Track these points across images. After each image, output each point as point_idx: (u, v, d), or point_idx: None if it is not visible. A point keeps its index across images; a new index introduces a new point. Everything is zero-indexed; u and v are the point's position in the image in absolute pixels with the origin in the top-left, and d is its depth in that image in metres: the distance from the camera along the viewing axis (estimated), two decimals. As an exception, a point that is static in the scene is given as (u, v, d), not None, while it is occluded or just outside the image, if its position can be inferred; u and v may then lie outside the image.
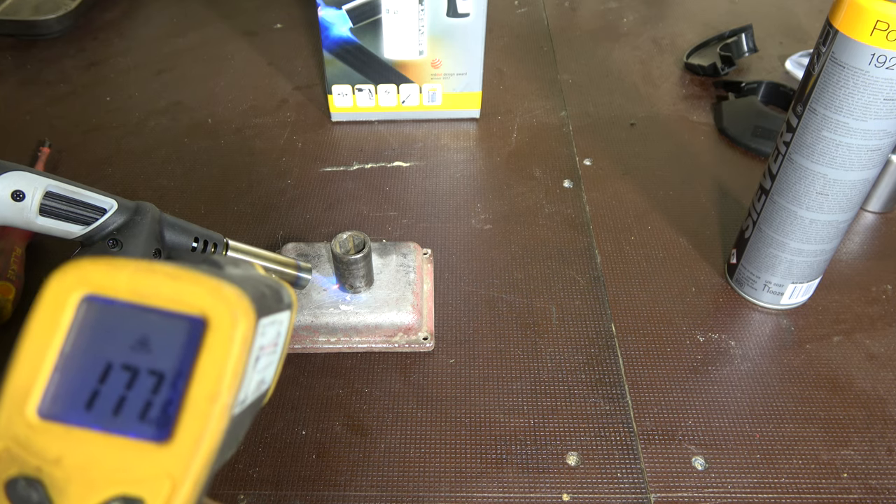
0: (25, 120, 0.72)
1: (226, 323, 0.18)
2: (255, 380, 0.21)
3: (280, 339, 0.23)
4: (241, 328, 0.18)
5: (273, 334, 0.22)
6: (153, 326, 0.18)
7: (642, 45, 0.84)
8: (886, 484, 0.43)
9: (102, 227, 0.41)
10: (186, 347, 0.18)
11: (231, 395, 0.18)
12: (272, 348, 0.22)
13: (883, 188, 0.60)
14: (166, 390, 0.18)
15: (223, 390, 0.18)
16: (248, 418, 0.22)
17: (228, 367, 0.18)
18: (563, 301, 0.53)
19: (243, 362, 0.18)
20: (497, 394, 0.47)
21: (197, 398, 0.17)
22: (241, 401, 0.19)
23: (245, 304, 0.18)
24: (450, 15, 0.64)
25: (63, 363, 0.18)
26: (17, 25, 0.83)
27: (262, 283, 0.22)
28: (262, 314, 0.20)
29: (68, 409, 0.18)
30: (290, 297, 0.24)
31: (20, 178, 0.40)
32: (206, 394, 0.17)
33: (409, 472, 0.43)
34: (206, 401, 0.17)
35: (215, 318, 0.18)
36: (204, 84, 0.77)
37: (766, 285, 0.51)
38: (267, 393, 0.24)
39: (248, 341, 0.18)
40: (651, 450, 0.44)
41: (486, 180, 0.65)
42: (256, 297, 0.20)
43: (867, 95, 0.40)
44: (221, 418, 0.18)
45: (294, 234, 0.59)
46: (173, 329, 0.18)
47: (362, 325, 0.48)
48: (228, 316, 0.18)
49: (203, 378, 0.18)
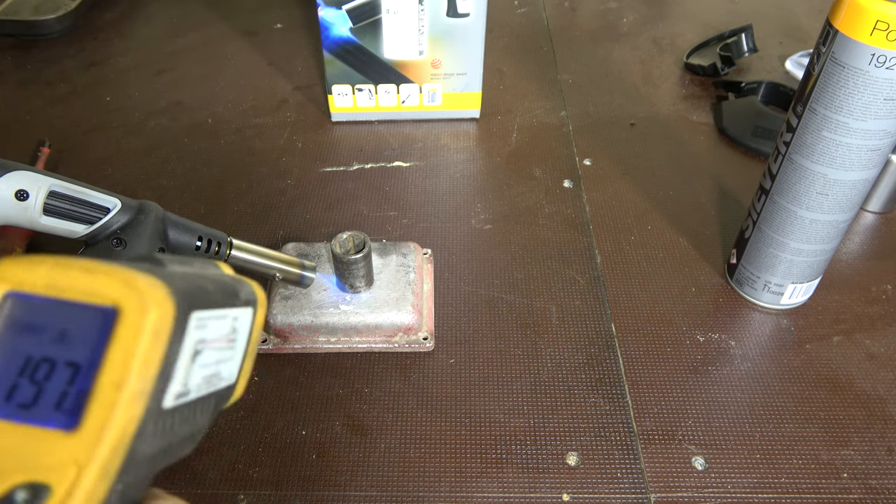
0: (25, 120, 0.72)
1: (136, 312, 0.18)
2: (199, 374, 0.21)
3: (238, 336, 0.23)
4: (151, 316, 0.18)
5: (224, 329, 0.22)
6: (70, 319, 0.19)
7: (642, 45, 0.84)
8: (886, 484, 0.43)
9: (106, 226, 0.41)
10: (99, 337, 0.18)
11: (143, 382, 0.18)
12: (225, 343, 0.22)
13: (883, 188, 0.60)
14: (81, 380, 0.18)
15: (131, 378, 0.18)
16: (203, 415, 0.22)
17: (137, 355, 0.18)
18: (563, 301, 0.53)
19: (158, 351, 0.18)
20: (497, 394, 0.47)
21: (104, 386, 0.18)
22: (180, 394, 0.20)
23: (159, 294, 0.18)
24: (450, 15, 0.64)
25: None
26: (17, 25, 0.83)
27: (207, 279, 0.22)
28: (198, 307, 0.20)
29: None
30: (253, 295, 0.24)
31: (24, 177, 0.40)
32: (114, 381, 0.18)
33: (409, 472, 0.43)
34: (112, 388, 0.18)
35: (126, 308, 0.18)
36: (204, 84, 0.77)
37: (766, 285, 0.51)
38: (231, 391, 0.24)
39: (164, 330, 0.18)
40: (651, 450, 0.44)
41: (486, 180, 0.65)
42: (190, 290, 0.20)
43: (867, 95, 0.40)
44: (131, 406, 0.18)
45: (294, 234, 0.59)
46: (88, 321, 0.19)
47: (362, 325, 0.48)
48: (138, 305, 0.18)
49: (112, 366, 0.18)
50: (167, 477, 0.42)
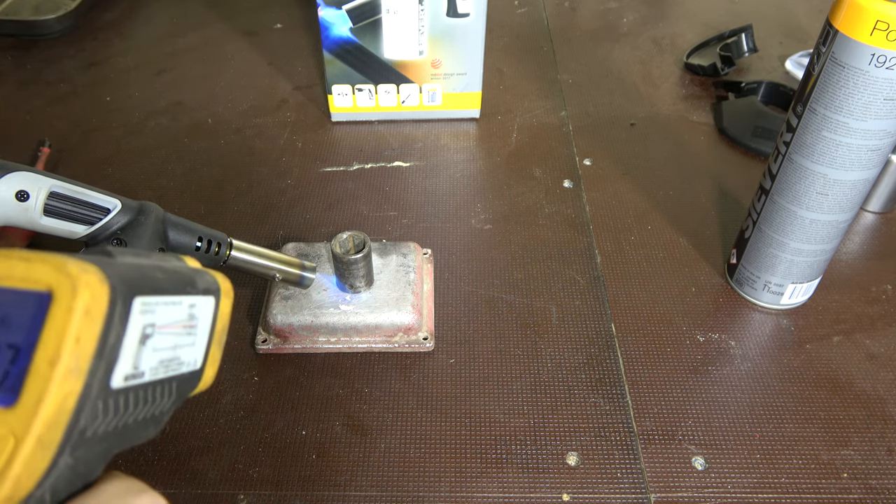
0: (25, 120, 0.72)
1: (66, 294, 0.20)
2: (152, 357, 0.22)
3: (198, 322, 0.25)
4: (81, 298, 0.20)
5: (179, 315, 0.24)
6: (10, 305, 0.20)
7: (642, 45, 0.84)
8: (886, 484, 0.43)
9: (106, 226, 0.41)
10: (35, 320, 0.20)
11: (78, 360, 0.19)
12: (181, 328, 0.24)
13: (883, 188, 0.60)
14: (20, 360, 0.20)
15: (64, 355, 0.19)
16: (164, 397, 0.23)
17: (69, 334, 0.19)
18: (563, 301, 0.53)
19: (92, 331, 0.20)
20: (497, 394, 0.47)
21: (39, 364, 0.19)
22: (130, 375, 0.21)
23: (91, 278, 0.20)
24: (450, 15, 0.64)
25: None
26: (17, 25, 0.83)
27: (159, 269, 0.23)
28: (141, 292, 0.22)
29: None
30: (214, 285, 0.26)
31: (24, 178, 0.40)
32: (47, 359, 0.19)
33: (409, 472, 0.43)
34: (46, 365, 0.19)
35: (58, 291, 0.20)
36: (204, 84, 0.77)
37: (766, 285, 0.51)
38: (198, 376, 0.25)
39: (97, 312, 0.20)
40: (651, 450, 0.44)
41: (486, 180, 0.65)
42: (133, 277, 0.22)
43: (867, 95, 0.40)
44: (65, 381, 0.19)
45: (294, 234, 0.59)
46: (26, 305, 0.20)
47: (362, 325, 0.48)
48: (69, 288, 0.20)
49: (45, 345, 0.19)
50: (167, 477, 0.42)
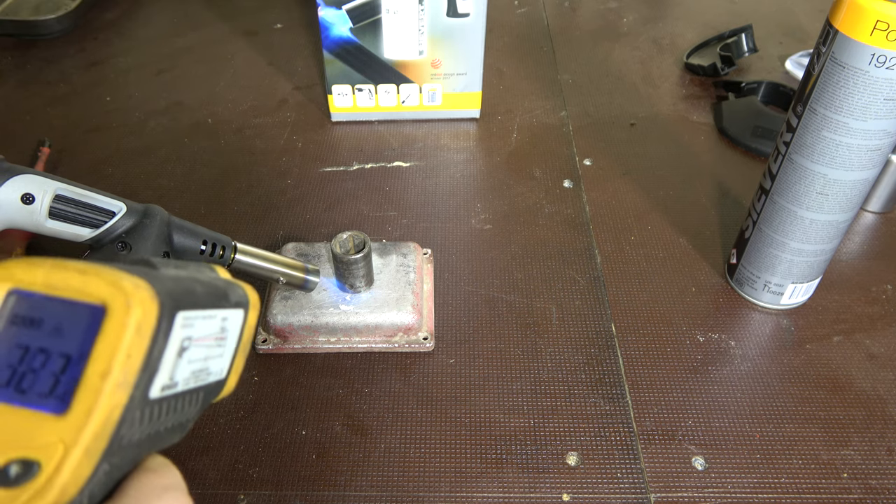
0: (25, 120, 0.72)
1: (120, 309, 0.20)
2: (186, 368, 0.23)
3: (228, 335, 0.25)
4: (135, 314, 0.20)
5: (213, 328, 0.24)
6: (65, 315, 0.21)
7: (642, 45, 0.84)
8: (886, 484, 0.43)
9: (111, 230, 0.41)
10: (88, 332, 0.21)
11: (126, 374, 0.20)
12: (214, 341, 0.24)
13: (883, 188, 0.60)
14: (71, 370, 0.20)
15: (115, 369, 0.20)
16: (192, 405, 0.24)
17: (121, 349, 0.20)
18: (563, 301, 0.53)
19: (142, 346, 0.20)
20: (497, 394, 0.47)
21: (91, 375, 0.20)
22: (166, 385, 0.22)
23: (143, 294, 0.21)
24: (450, 15, 0.64)
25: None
26: (17, 25, 0.83)
27: (198, 282, 0.24)
28: (183, 307, 0.22)
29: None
30: (245, 298, 0.26)
31: (29, 181, 0.40)
32: (99, 371, 0.20)
33: (409, 472, 0.43)
34: (97, 378, 0.20)
35: (112, 306, 0.20)
36: (204, 84, 0.77)
37: (766, 285, 0.51)
38: (222, 385, 0.26)
39: (147, 327, 0.21)
40: (651, 450, 0.44)
41: (486, 180, 0.65)
42: (177, 291, 0.22)
43: (867, 95, 0.40)
44: (115, 394, 0.20)
45: (294, 234, 0.59)
46: (80, 316, 0.21)
47: (362, 325, 0.48)
48: (123, 303, 0.20)
49: (98, 358, 0.20)
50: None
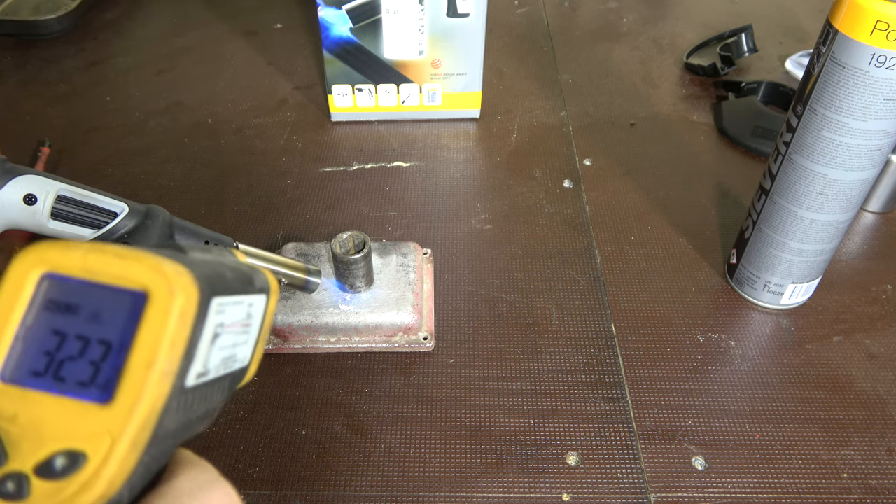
0: (25, 120, 0.72)
1: (164, 296, 0.20)
2: (218, 356, 0.22)
3: (252, 321, 0.25)
4: (178, 301, 0.20)
5: (240, 314, 0.23)
6: (103, 301, 0.20)
7: (642, 45, 0.84)
8: (886, 484, 0.43)
9: (113, 230, 0.41)
10: (130, 319, 0.20)
11: (170, 363, 0.19)
12: (240, 328, 0.24)
13: (883, 188, 0.60)
14: (112, 358, 0.20)
15: (160, 358, 0.19)
16: (219, 393, 0.23)
17: (166, 337, 0.19)
18: (563, 301, 0.53)
19: (184, 334, 0.20)
20: (497, 394, 0.47)
21: (136, 364, 0.19)
22: (200, 373, 0.21)
23: (185, 280, 0.20)
24: (450, 15, 0.64)
25: (23, 334, 0.21)
26: (17, 25, 0.83)
27: (226, 267, 0.23)
28: (218, 293, 0.21)
29: (26, 373, 0.20)
30: (267, 283, 0.26)
31: (32, 181, 0.40)
32: (144, 361, 0.19)
33: (409, 472, 0.43)
34: (143, 367, 0.19)
35: (155, 292, 0.20)
36: (204, 84, 0.77)
37: (766, 285, 0.51)
38: (245, 372, 0.25)
39: (189, 314, 0.20)
40: (651, 450, 0.44)
41: (486, 180, 0.65)
42: (211, 276, 0.21)
43: (867, 95, 0.40)
44: (159, 384, 0.19)
45: (294, 234, 0.59)
46: (120, 303, 0.20)
47: (362, 325, 0.48)
48: (167, 290, 0.20)
49: (142, 347, 0.19)
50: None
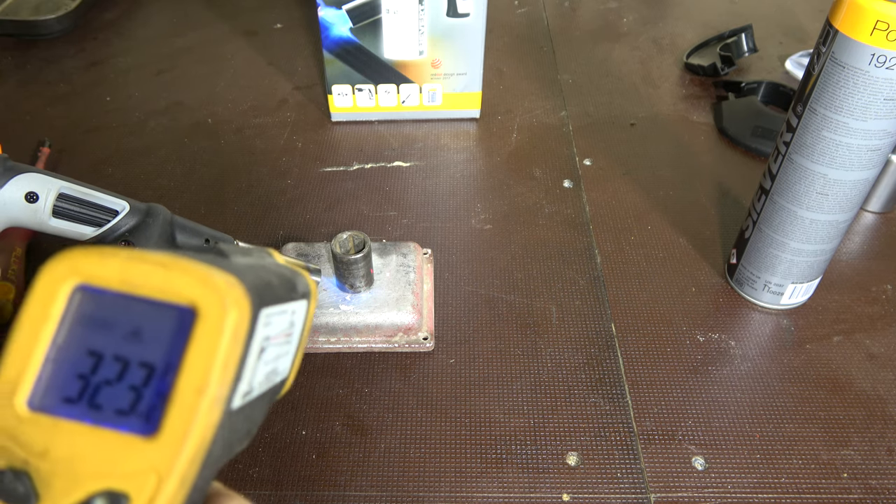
0: (25, 120, 0.72)
1: (215, 312, 0.17)
2: (262, 371, 0.20)
3: (294, 330, 0.22)
4: (231, 318, 0.17)
5: (284, 324, 0.21)
6: (144, 317, 0.18)
7: (642, 45, 0.84)
8: (886, 484, 0.43)
9: (114, 228, 0.41)
10: (176, 338, 0.17)
11: (222, 387, 0.17)
12: (284, 338, 0.21)
13: (883, 188, 0.60)
14: (156, 382, 0.17)
15: (212, 382, 0.17)
16: (260, 410, 0.21)
17: (218, 359, 0.17)
18: (563, 301, 0.53)
19: (236, 353, 0.18)
20: (497, 394, 0.47)
21: (185, 391, 0.17)
22: (245, 392, 0.19)
23: (237, 293, 0.18)
24: (450, 15, 0.64)
25: (54, 354, 0.18)
26: (17, 25, 0.83)
27: (270, 272, 0.21)
28: (266, 304, 0.19)
29: (57, 400, 0.18)
30: (307, 287, 0.23)
31: (34, 179, 0.40)
32: (195, 386, 0.17)
33: (409, 472, 0.43)
34: (194, 394, 0.17)
35: (205, 308, 0.17)
36: (204, 84, 0.77)
37: (766, 285, 0.51)
38: (284, 384, 0.23)
39: (242, 331, 0.18)
40: (651, 450, 0.44)
41: (486, 180, 0.65)
42: (259, 285, 0.19)
43: (867, 95, 0.40)
44: (211, 412, 0.17)
45: (294, 234, 0.59)
46: (164, 319, 0.18)
47: (362, 325, 0.48)
48: (218, 305, 0.17)
49: (191, 370, 0.17)
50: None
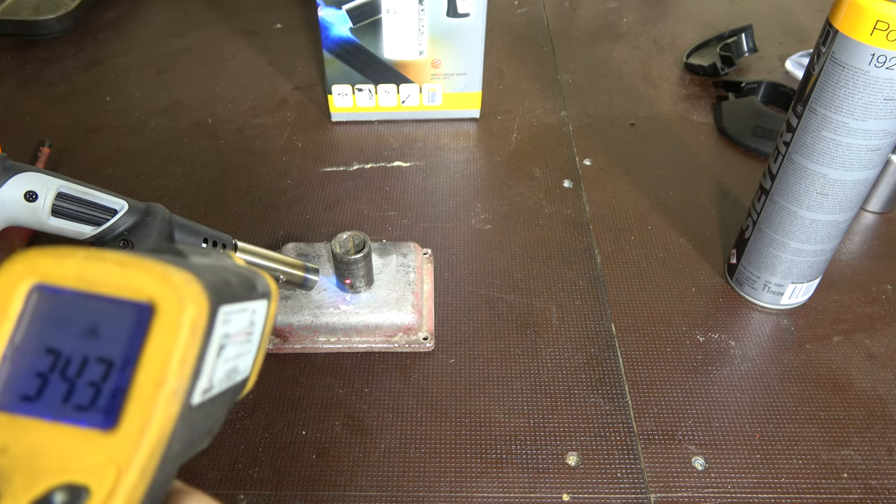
0: (25, 120, 0.72)
1: (173, 308, 0.18)
2: (222, 369, 0.20)
3: (255, 329, 0.23)
4: (189, 313, 0.18)
5: (244, 323, 0.21)
6: (102, 314, 0.18)
7: (642, 45, 0.84)
8: (886, 484, 0.43)
9: (113, 227, 0.41)
10: (134, 334, 0.18)
11: (180, 381, 0.18)
12: (244, 337, 0.22)
13: (883, 188, 0.60)
14: (114, 378, 0.18)
15: (170, 376, 0.17)
16: (221, 408, 0.21)
17: (176, 353, 0.17)
18: (563, 301, 0.53)
19: (194, 348, 0.18)
20: (497, 394, 0.47)
21: (143, 385, 0.17)
22: (205, 389, 0.19)
23: (195, 290, 0.18)
24: (450, 15, 0.64)
25: (12, 353, 0.18)
26: (17, 25, 0.83)
27: (229, 272, 0.21)
28: (225, 301, 0.20)
29: (15, 398, 0.18)
30: (268, 287, 0.24)
31: (33, 178, 0.40)
32: (153, 380, 0.17)
33: (409, 472, 0.43)
34: (152, 387, 0.17)
35: (162, 304, 0.18)
36: (204, 84, 0.77)
37: (766, 285, 0.51)
38: (245, 384, 0.23)
39: (200, 327, 0.18)
40: (651, 450, 0.44)
41: (486, 180, 0.65)
42: (218, 283, 0.19)
43: (867, 95, 0.40)
44: (170, 405, 0.17)
45: (294, 234, 0.59)
46: (122, 316, 0.18)
47: (362, 325, 0.48)
48: (176, 301, 0.18)
49: (149, 364, 0.17)
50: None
